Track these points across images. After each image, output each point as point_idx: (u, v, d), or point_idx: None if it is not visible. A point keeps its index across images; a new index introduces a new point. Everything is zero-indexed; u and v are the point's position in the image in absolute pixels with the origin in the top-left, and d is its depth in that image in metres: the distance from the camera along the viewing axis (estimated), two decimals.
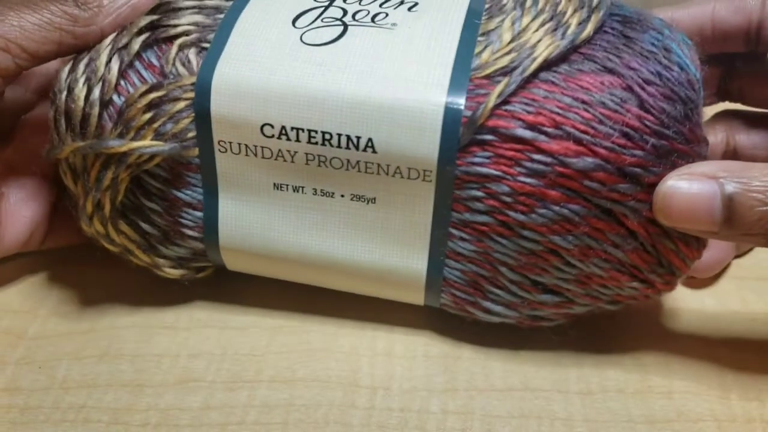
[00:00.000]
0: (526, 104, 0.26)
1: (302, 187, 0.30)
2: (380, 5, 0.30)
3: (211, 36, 0.29)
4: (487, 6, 0.30)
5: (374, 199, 0.29)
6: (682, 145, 0.27)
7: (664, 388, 0.31)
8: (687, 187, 0.26)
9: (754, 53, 0.32)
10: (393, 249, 0.30)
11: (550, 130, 0.26)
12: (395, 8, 0.30)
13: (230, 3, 0.30)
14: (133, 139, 0.29)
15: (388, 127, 0.27)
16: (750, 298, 0.35)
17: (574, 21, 0.28)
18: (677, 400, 0.30)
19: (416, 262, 0.30)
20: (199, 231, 0.31)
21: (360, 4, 0.30)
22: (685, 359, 0.32)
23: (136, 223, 0.31)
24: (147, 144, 0.29)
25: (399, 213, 0.29)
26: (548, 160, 0.26)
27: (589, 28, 0.27)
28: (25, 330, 0.33)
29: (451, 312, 0.32)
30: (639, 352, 0.32)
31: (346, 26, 0.29)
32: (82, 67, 0.29)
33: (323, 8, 0.30)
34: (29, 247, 0.34)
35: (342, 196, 0.30)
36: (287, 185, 0.30)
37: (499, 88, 0.27)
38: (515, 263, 0.29)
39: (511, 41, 0.28)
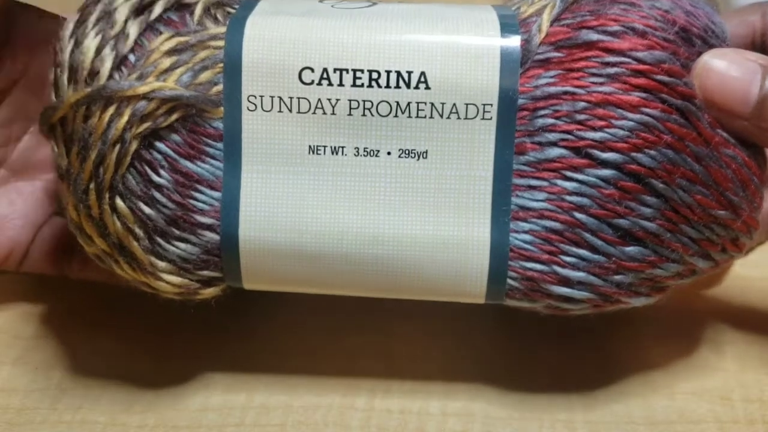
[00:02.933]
0: (582, 15, 0.26)
1: (342, 148, 0.26)
2: None
3: (236, 5, 0.28)
4: None
5: (425, 152, 0.26)
6: None
7: (666, 389, 0.30)
8: (730, 61, 0.25)
9: None
10: (449, 215, 0.26)
11: (615, 28, 0.25)
12: None
13: None
14: None
15: (442, 58, 0.26)
16: (753, 298, 0.34)
17: None
18: (679, 401, 0.30)
19: (477, 228, 0.26)
20: (214, 216, 0.26)
21: None
22: (687, 360, 0.31)
23: (136, 207, 0.25)
24: (170, 86, 0.25)
25: (454, 167, 0.26)
26: (619, 59, 0.25)
27: None
28: (22, 330, 0.33)
29: (516, 305, 0.27)
30: (641, 353, 0.32)
31: (375, 2, 0.29)
32: (93, 19, 0.26)
33: None
34: (7, 267, 0.32)
35: (388, 153, 0.26)
36: (324, 147, 0.26)
37: (549, 6, 0.26)
38: (593, 205, 0.25)
39: None
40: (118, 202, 0.25)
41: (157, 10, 0.26)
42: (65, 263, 0.33)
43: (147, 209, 0.26)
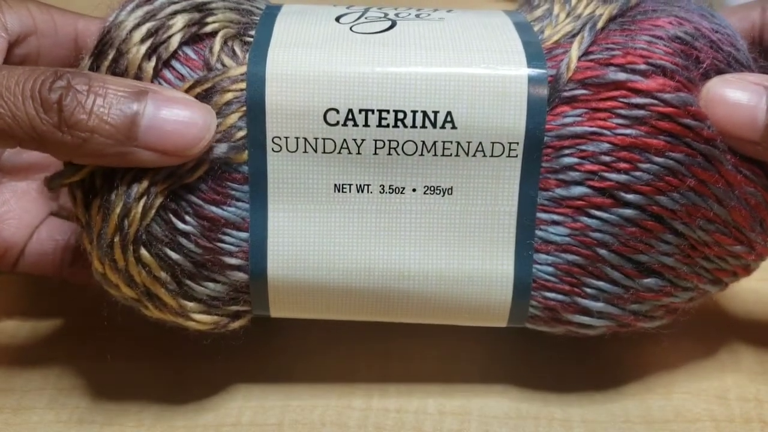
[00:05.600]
0: (610, 49, 0.26)
1: (367, 186, 0.26)
2: (417, 9, 0.29)
3: (252, 32, 0.27)
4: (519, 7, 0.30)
5: (451, 189, 0.26)
6: None
7: (662, 388, 0.31)
8: (734, 87, 0.25)
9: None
10: (474, 249, 0.27)
11: (642, 67, 0.25)
12: (434, 10, 0.29)
13: (261, 11, 0.28)
14: None
15: (469, 97, 0.25)
16: (749, 299, 0.34)
17: None
18: (675, 400, 0.30)
19: (501, 261, 0.27)
20: (242, 257, 0.26)
21: (396, 9, 0.29)
22: (684, 359, 0.32)
23: (162, 253, 0.26)
24: None
25: (479, 203, 0.26)
26: (646, 101, 0.25)
27: None
28: (19, 330, 0.33)
29: (537, 329, 0.28)
30: (637, 352, 0.32)
31: (393, 21, 0.28)
32: (106, 63, 0.25)
33: (361, 12, 0.29)
34: (1, 267, 0.31)
35: (414, 190, 0.26)
36: (350, 185, 0.26)
37: (577, 40, 0.26)
38: (615, 242, 0.26)
39: (567, 16, 0.28)
40: (143, 252, 0.25)
41: (174, 43, 0.25)
42: (63, 265, 0.32)
43: (174, 255, 0.26)
